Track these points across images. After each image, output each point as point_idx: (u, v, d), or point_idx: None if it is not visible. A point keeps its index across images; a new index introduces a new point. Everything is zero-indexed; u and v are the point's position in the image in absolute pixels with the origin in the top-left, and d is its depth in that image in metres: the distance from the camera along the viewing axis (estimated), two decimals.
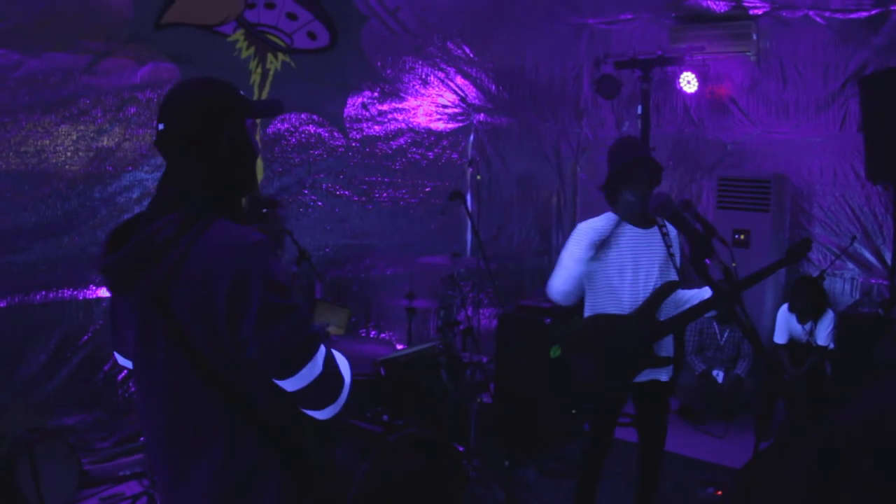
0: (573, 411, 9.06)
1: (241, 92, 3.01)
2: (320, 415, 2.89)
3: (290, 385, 2.75)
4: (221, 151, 2.89)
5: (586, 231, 5.50)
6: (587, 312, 5.67)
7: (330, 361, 2.84)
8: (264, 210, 6.92)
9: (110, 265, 2.80)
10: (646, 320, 5.39)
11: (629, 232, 5.45)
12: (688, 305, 5.50)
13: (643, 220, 5.50)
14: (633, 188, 5.38)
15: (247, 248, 2.72)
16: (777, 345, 9.06)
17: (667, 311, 5.48)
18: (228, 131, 2.90)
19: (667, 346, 5.58)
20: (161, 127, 2.88)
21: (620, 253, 5.43)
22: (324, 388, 2.82)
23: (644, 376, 5.52)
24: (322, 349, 2.80)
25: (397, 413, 5.87)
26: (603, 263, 5.47)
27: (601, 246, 5.44)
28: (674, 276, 5.39)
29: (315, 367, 2.76)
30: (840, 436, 2.35)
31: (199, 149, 2.87)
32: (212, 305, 2.70)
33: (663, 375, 5.60)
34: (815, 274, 9.43)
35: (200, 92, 2.93)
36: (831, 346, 8.75)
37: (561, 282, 5.47)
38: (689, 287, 5.64)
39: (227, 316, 2.69)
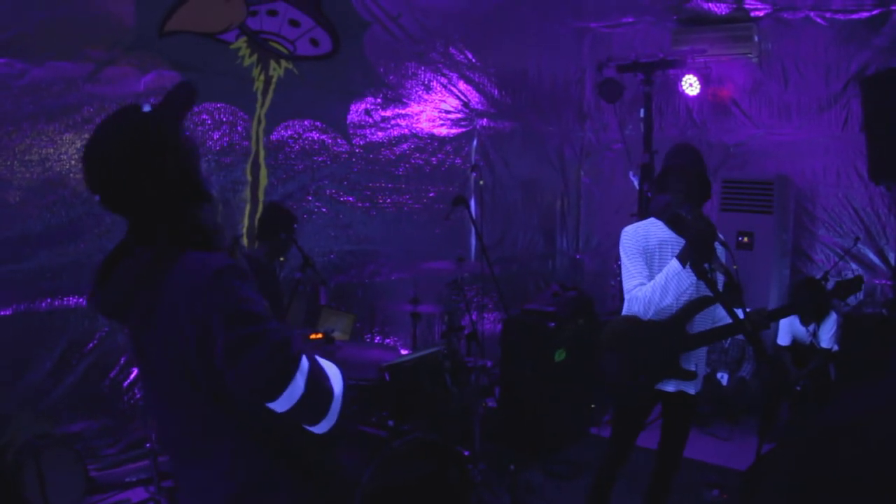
0: (592, 406, 9.10)
1: (145, 108, 2.82)
2: (316, 429, 2.83)
3: (277, 407, 2.70)
4: (159, 187, 2.79)
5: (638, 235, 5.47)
6: (624, 312, 5.63)
7: (314, 377, 2.75)
8: (283, 236, 6.96)
9: (95, 305, 2.86)
10: (675, 330, 5.36)
11: (671, 240, 5.43)
12: (721, 323, 5.46)
13: None
14: (677, 197, 5.34)
15: (205, 285, 2.68)
16: (780, 347, 9.05)
17: (702, 325, 5.43)
18: (155, 163, 2.77)
19: (696, 360, 5.51)
20: (98, 199, 2.81)
21: (662, 260, 5.40)
22: (311, 406, 2.76)
23: (671, 386, 5.48)
24: (303, 367, 2.71)
25: (402, 418, 5.88)
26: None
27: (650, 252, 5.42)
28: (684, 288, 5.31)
29: (296, 388, 2.68)
30: (825, 437, 2.37)
31: (139, 199, 2.79)
32: (184, 343, 2.70)
33: (690, 388, 5.53)
34: (819, 275, 9.43)
35: (112, 153, 2.75)
36: (835, 348, 8.74)
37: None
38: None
39: (198, 352, 2.68)
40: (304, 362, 2.72)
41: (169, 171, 2.80)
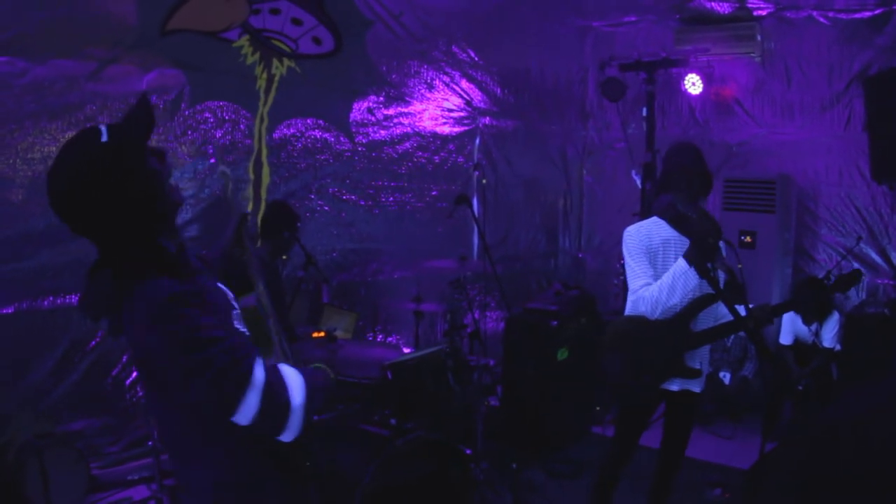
0: (597, 408, 9.10)
1: (105, 139, 2.85)
2: (283, 438, 2.93)
3: (239, 421, 2.81)
4: (117, 215, 2.82)
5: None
6: (628, 312, 5.64)
7: (269, 392, 2.83)
8: (286, 234, 6.94)
9: (81, 309, 2.95)
10: (679, 329, 5.36)
11: (674, 239, 5.43)
12: (723, 321, 5.46)
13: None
14: (682, 197, 5.37)
15: (158, 313, 2.74)
16: (782, 346, 9.04)
17: (704, 323, 5.44)
18: (113, 193, 2.79)
19: (700, 358, 5.51)
20: (69, 228, 2.86)
21: (666, 260, 5.41)
22: (269, 420, 2.86)
23: (675, 385, 5.48)
24: (257, 383, 2.79)
25: (405, 416, 5.88)
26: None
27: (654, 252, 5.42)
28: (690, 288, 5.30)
29: (250, 405, 2.78)
30: (828, 435, 2.37)
31: (97, 226, 2.84)
32: (150, 363, 2.87)
33: (695, 387, 5.54)
34: (821, 275, 9.42)
35: (69, 182, 2.78)
36: (837, 347, 8.74)
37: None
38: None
39: (158, 375, 2.86)
40: (259, 379, 2.81)
41: (127, 200, 2.82)
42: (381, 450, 5.43)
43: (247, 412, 2.78)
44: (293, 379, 2.96)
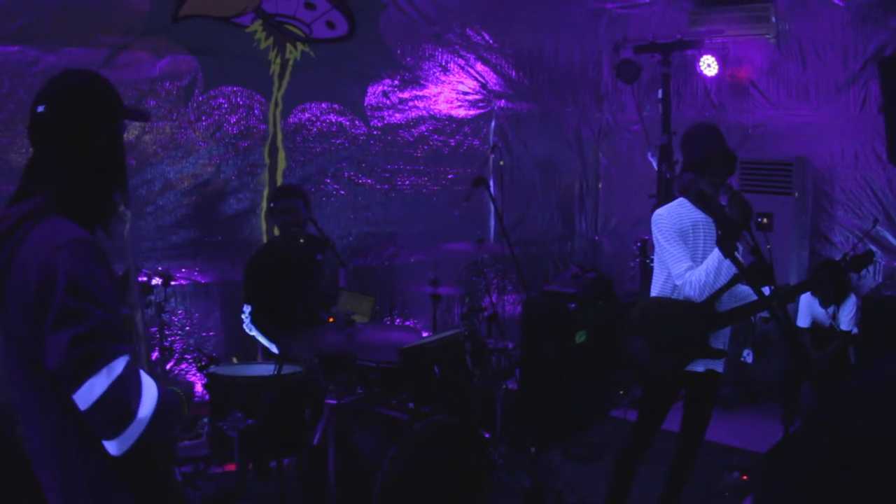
0: (620, 391, 9.10)
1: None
2: (111, 447, 2.68)
3: (78, 402, 2.61)
4: (93, 149, 2.91)
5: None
6: (653, 292, 5.65)
7: (120, 386, 2.63)
8: (272, 204, 6.91)
9: None
10: (704, 309, 5.35)
11: (701, 221, 5.45)
12: (747, 300, 5.46)
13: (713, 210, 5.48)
14: (709, 180, 5.37)
15: (56, 248, 2.67)
16: (800, 328, 9.02)
17: (728, 303, 5.45)
18: (106, 130, 2.94)
19: (723, 339, 5.54)
20: (40, 109, 2.88)
21: (696, 241, 5.42)
22: (107, 415, 2.63)
23: (701, 366, 5.49)
24: (115, 368, 2.63)
25: (423, 400, 5.89)
26: None
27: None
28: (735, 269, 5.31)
29: (96, 385, 2.59)
30: (853, 401, 2.37)
31: (71, 142, 2.88)
32: (28, 306, 2.69)
33: (719, 367, 5.57)
34: (838, 257, 9.40)
35: (84, 84, 2.96)
36: (854, 330, 8.71)
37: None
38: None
39: (36, 317, 2.66)
40: (119, 367, 2.64)
41: (117, 145, 3.02)
42: (399, 434, 5.44)
43: (88, 395, 2.59)
44: (149, 391, 2.74)
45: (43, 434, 2.84)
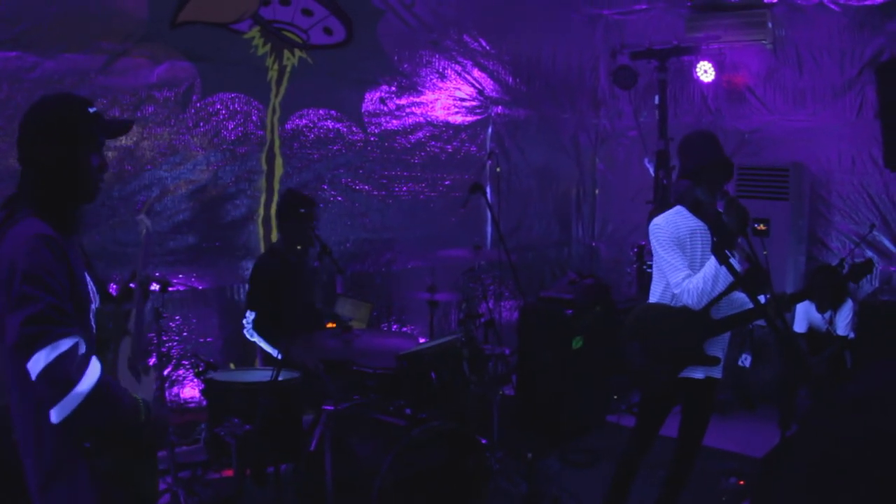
0: (615, 396, 9.11)
1: (92, 110, 3.42)
2: (53, 415, 3.10)
3: (30, 373, 3.05)
4: (61, 169, 3.32)
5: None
6: (652, 300, 5.66)
7: (63, 361, 3.05)
8: (302, 210, 6.93)
9: None
10: (699, 316, 5.36)
11: (699, 228, 5.45)
12: (743, 308, 5.47)
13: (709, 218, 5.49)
14: (707, 189, 5.38)
15: (22, 242, 3.13)
16: (796, 334, 9.03)
17: (724, 310, 5.45)
18: (74, 152, 3.35)
19: (721, 346, 5.54)
20: (19, 132, 3.36)
21: (694, 250, 5.43)
22: (49, 384, 3.05)
23: (700, 373, 5.49)
24: (60, 348, 3.05)
25: (420, 406, 5.90)
26: None
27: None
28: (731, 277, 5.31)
29: (41, 359, 3.02)
30: (852, 408, 2.37)
31: (40, 162, 3.31)
32: (3, 292, 3.15)
33: (718, 373, 5.57)
34: (834, 262, 9.41)
35: (54, 110, 3.37)
36: (851, 335, 8.72)
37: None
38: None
39: (5, 303, 3.12)
40: (64, 346, 3.07)
41: (76, 162, 3.37)
42: (397, 440, 5.44)
43: (35, 366, 3.03)
44: (93, 372, 3.15)
45: (22, 404, 3.26)
